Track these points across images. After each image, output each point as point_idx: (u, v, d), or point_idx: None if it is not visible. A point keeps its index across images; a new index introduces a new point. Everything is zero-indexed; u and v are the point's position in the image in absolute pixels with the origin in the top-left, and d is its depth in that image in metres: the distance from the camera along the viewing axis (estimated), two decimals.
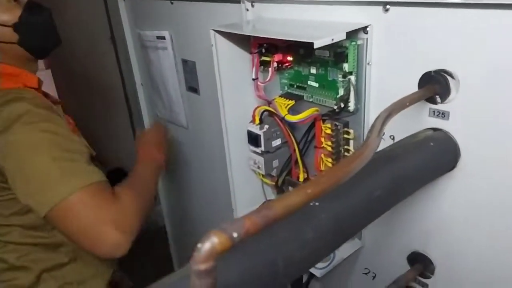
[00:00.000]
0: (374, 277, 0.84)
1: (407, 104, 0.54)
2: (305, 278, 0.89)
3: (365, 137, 0.69)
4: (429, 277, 0.72)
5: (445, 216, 0.66)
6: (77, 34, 2.43)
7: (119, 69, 2.69)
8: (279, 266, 0.37)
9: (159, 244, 1.85)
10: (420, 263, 0.72)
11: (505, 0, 0.48)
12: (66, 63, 2.48)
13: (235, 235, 0.27)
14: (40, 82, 0.96)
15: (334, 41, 0.59)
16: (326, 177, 0.33)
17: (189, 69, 1.14)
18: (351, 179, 0.36)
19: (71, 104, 2.00)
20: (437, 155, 0.58)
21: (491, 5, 0.50)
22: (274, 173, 0.88)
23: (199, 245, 0.26)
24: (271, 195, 0.97)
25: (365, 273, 0.85)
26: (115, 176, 1.04)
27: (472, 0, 0.51)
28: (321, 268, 0.75)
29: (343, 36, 0.60)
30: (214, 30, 0.75)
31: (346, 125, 0.72)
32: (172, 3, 1.08)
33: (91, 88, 2.72)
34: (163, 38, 1.16)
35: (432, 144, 0.58)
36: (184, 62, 1.15)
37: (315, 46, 0.56)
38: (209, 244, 0.25)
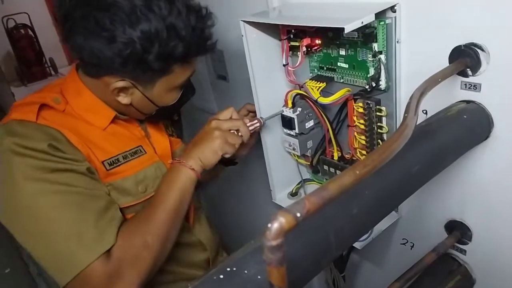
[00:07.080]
0: (412, 247, 0.87)
1: (439, 80, 0.56)
2: (345, 251, 0.94)
3: (399, 115, 0.72)
4: (466, 243, 0.75)
5: (480, 184, 0.68)
6: None
7: None
8: (331, 240, 0.41)
9: None
10: (458, 230, 0.75)
11: None
12: None
13: (298, 214, 0.30)
14: None
15: (364, 23, 0.61)
16: (372, 158, 0.36)
17: (217, 57, 1.18)
18: None
19: None
20: (471, 127, 0.60)
21: None
22: (308, 153, 0.91)
23: (269, 225, 0.30)
24: (306, 174, 1.00)
25: (403, 243, 0.89)
26: None
27: None
28: (361, 241, 0.79)
29: (372, 18, 0.62)
30: (243, 21, 0.77)
31: (378, 103, 0.74)
32: None
33: None
34: None
35: (465, 116, 0.60)
36: None
37: (346, 31, 0.59)
38: (278, 223, 0.29)
